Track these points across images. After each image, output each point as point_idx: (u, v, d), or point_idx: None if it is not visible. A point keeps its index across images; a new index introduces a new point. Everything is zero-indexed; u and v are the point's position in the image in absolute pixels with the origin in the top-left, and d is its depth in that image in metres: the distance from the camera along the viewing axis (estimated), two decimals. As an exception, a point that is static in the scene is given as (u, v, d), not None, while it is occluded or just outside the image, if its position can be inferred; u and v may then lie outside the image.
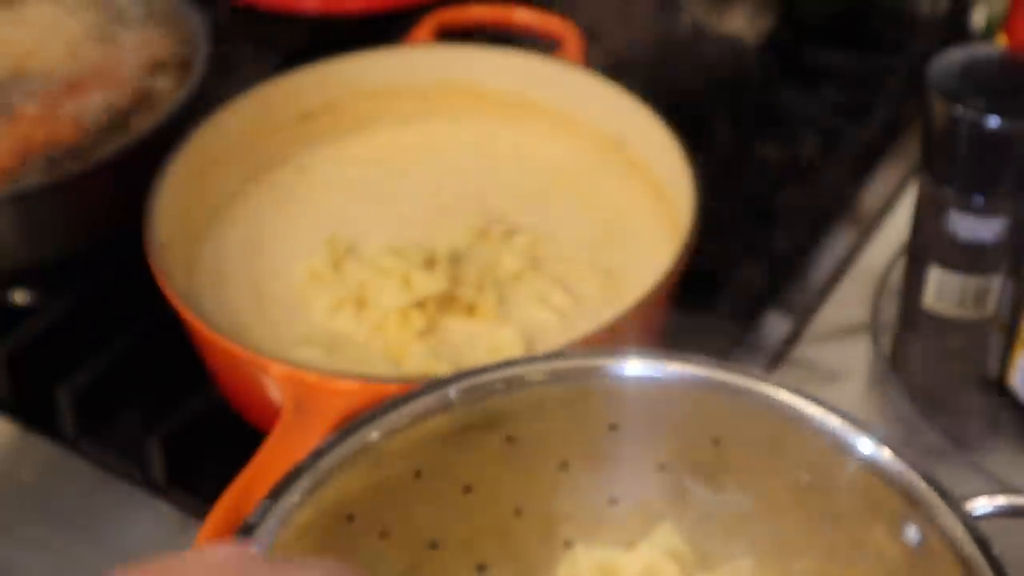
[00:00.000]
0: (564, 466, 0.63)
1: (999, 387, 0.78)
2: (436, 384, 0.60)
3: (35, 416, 0.82)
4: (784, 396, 0.59)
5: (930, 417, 0.78)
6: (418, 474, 0.61)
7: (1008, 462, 0.78)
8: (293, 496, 0.57)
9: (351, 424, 0.59)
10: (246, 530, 0.55)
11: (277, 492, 0.56)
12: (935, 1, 1.06)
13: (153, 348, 0.83)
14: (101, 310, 0.85)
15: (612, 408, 0.61)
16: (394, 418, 0.59)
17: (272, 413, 0.70)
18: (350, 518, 0.59)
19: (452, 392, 0.60)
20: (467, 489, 0.62)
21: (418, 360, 0.75)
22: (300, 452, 0.59)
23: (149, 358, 0.83)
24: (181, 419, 0.79)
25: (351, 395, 0.67)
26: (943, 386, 0.78)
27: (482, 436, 0.61)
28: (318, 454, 0.58)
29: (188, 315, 0.73)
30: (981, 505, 0.55)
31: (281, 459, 0.58)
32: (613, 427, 0.62)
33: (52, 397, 0.81)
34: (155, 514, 0.77)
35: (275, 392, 0.71)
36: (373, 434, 0.59)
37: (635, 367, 0.61)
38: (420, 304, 0.78)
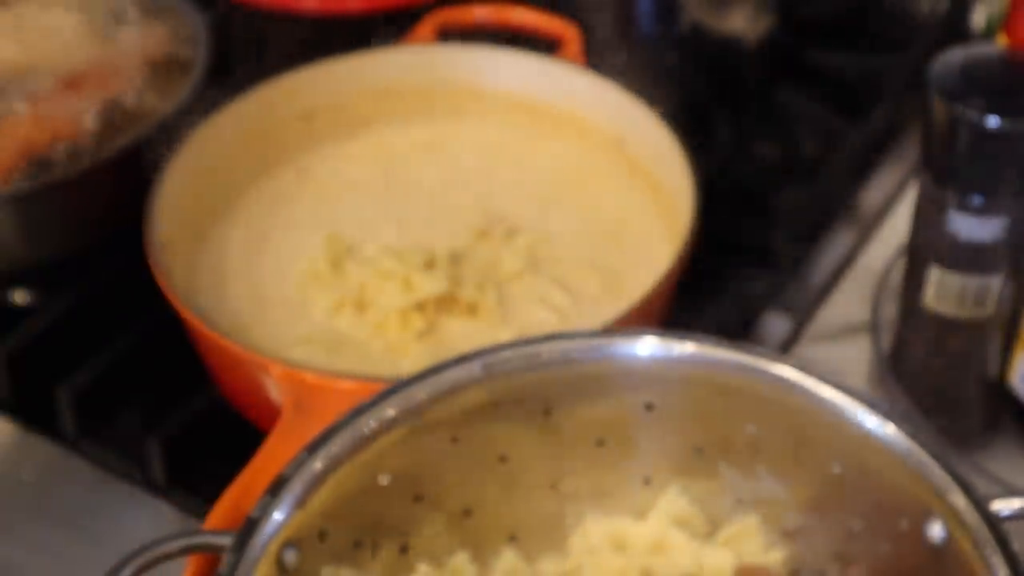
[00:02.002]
0: (600, 443, 0.63)
1: (999, 387, 0.78)
2: (477, 354, 0.61)
3: (35, 416, 0.82)
4: (824, 390, 0.59)
5: (930, 417, 0.78)
6: (455, 441, 0.61)
7: (1008, 462, 0.78)
8: (329, 452, 0.57)
9: (391, 386, 0.59)
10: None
11: (314, 447, 0.57)
12: (935, 1, 1.06)
13: (153, 348, 0.83)
14: (101, 310, 0.86)
15: (650, 388, 0.62)
16: (435, 384, 0.60)
17: (272, 413, 0.70)
18: (385, 480, 0.60)
19: (492, 362, 0.61)
20: (503, 459, 0.62)
21: (418, 360, 0.75)
22: (300, 452, 0.59)
23: (149, 358, 0.83)
24: (181, 419, 0.79)
25: (351, 395, 0.67)
26: (943, 386, 0.78)
27: (520, 408, 0.61)
28: (358, 412, 0.58)
29: (188, 315, 0.73)
30: (999, 508, 0.55)
31: (281, 459, 0.58)
32: (649, 407, 0.62)
33: (52, 397, 0.81)
34: (155, 514, 0.77)
35: (275, 392, 0.71)
36: (413, 398, 0.59)
37: (675, 348, 0.61)
38: (420, 305, 0.78)
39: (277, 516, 0.55)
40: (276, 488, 0.56)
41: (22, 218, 0.82)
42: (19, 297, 0.88)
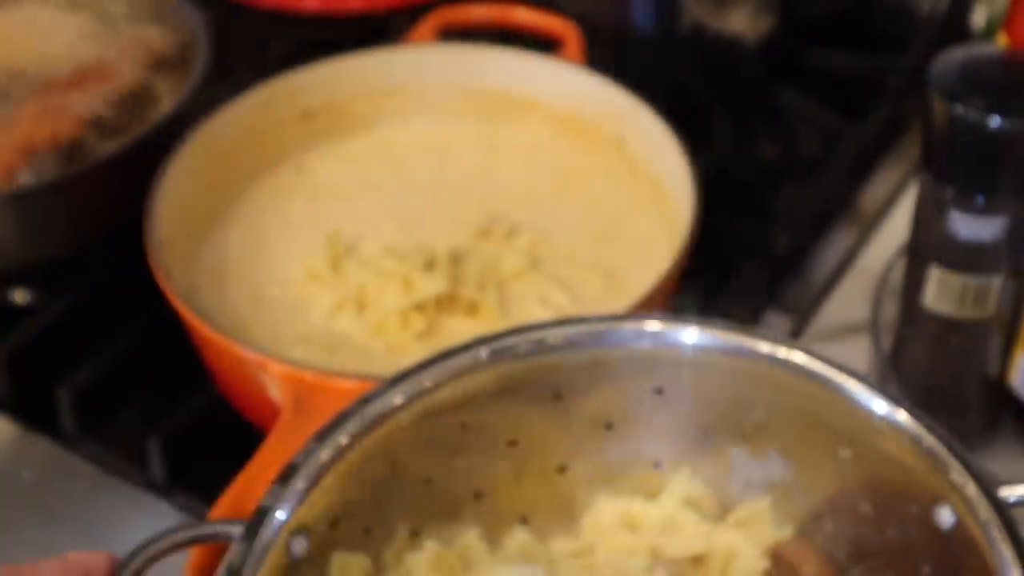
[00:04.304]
0: (609, 427, 0.63)
1: (999, 387, 0.78)
2: (485, 340, 0.61)
3: (35, 416, 0.82)
4: (831, 373, 0.59)
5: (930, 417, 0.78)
6: (464, 427, 0.61)
7: (1008, 462, 0.78)
8: (338, 440, 0.57)
9: (399, 374, 0.60)
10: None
11: (323, 435, 0.57)
12: (935, 1, 1.06)
13: (153, 348, 0.83)
14: (101, 310, 0.85)
15: (659, 372, 0.62)
16: (442, 370, 0.60)
17: (272, 412, 0.70)
18: (395, 465, 0.60)
19: (500, 348, 0.61)
20: (512, 443, 0.62)
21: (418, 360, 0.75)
22: (300, 452, 0.59)
23: (149, 358, 0.83)
24: (181, 419, 0.79)
25: (351, 395, 0.67)
26: (943, 386, 0.78)
27: (528, 393, 0.62)
28: (365, 400, 0.59)
29: (188, 314, 0.73)
30: (1007, 494, 0.55)
31: (281, 458, 0.58)
32: (659, 391, 0.62)
33: (52, 397, 0.81)
34: (155, 514, 0.77)
35: (275, 391, 0.71)
36: (420, 385, 0.60)
37: (684, 334, 0.61)
38: (420, 305, 0.78)
39: (287, 504, 0.56)
40: (286, 476, 0.56)
41: (22, 218, 0.82)
42: (19, 297, 0.88)
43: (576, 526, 0.64)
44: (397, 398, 0.59)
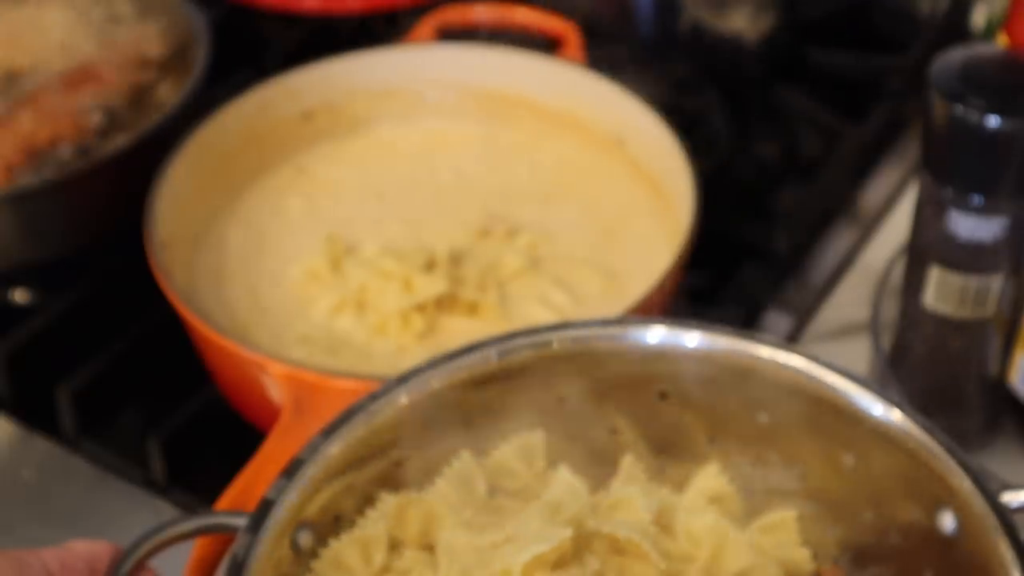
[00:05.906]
0: (614, 431, 0.63)
1: (999, 387, 0.78)
2: (491, 342, 0.61)
3: (35, 416, 0.82)
4: (833, 379, 0.60)
5: (930, 417, 0.77)
6: (468, 425, 0.62)
7: (1008, 462, 0.78)
8: (343, 437, 0.58)
9: (405, 373, 0.60)
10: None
11: (329, 431, 0.58)
12: (935, 1, 1.06)
13: (153, 348, 0.83)
14: (101, 310, 0.86)
15: (662, 377, 0.62)
16: (447, 372, 0.60)
17: (272, 413, 0.70)
18: (398, 463, 0.60)
19: (504, 350, 0.61)
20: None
21: (419, 360, 0.75)
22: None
23: (149, 358, 0.83)
24: (181, 419, 0.79)
25: (351, 395, 0.67)
26: (943, 386, 0.78)
27: (534, 394, 0.62)
28: (372, 397, 0.59)
29: (188, 314, 0.73)
30: (1008, 499, 0.55)
31: (281, 459, 0.58)
32: (663, 396, 0.62)
33: (52, 397, 0.81)
34: (155, 514, 0.77)
35: (275, 392, 0.71)
36: (425, 384, 0.60)
37: (685, 338, 0.61)
38: (420, 306, 0.78)
39: (291, 498, 0.56)
40: (291, 470, 0.56)
41: (23, 217, 0.82)
42: (19, 297, 0.88)
43: None
44: (403, 398, 0.60)
